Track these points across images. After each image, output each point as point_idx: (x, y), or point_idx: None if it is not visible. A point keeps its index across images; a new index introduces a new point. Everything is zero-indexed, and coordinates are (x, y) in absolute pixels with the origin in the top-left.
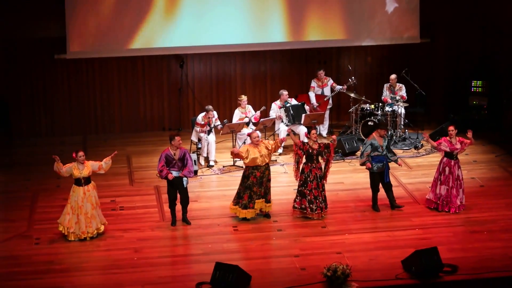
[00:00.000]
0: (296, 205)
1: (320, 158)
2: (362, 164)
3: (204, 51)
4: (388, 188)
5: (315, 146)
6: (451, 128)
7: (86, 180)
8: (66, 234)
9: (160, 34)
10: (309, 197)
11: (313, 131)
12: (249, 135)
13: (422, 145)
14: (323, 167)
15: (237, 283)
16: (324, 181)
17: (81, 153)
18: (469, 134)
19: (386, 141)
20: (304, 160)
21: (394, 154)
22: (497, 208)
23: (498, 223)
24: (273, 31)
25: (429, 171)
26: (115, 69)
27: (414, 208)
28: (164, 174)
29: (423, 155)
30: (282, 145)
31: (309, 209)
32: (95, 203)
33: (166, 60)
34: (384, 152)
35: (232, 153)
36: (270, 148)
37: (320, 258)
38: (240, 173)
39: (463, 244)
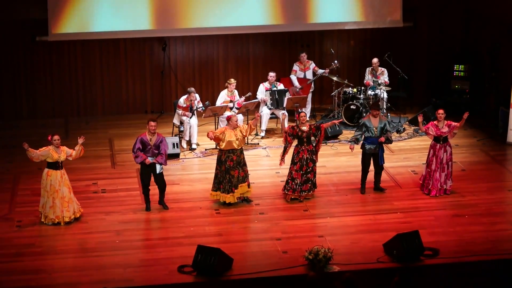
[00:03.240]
0: (286, 187)
1: (313, 139)
2: (350, 141)
3: (187, 33)
4: (379, 171)
5: (305, 129)
6: (440, 111)
7: (61, 164)
8: (42, 220)
9: (142, 17)
10: (288, 177)
11: (303, 114)
12: (228, 118)
13: (404, 129)
14: (314, 149)
15: (218, 266)
16: (316, 160)
17: (56, 137)
18: (465, 116)
19: (383, 123)
20: (295, 143)
21: (389, 140)
22: (478, 192)
23: (480, 207)
24: (256, 14)
25: (411, 155)
26: (97, 52)
27: (396, 191)
28: (140, 160)
29: (405, 139)
30: (263, 127)
31: (283, 188)
32: (69, 187)
33: (148, 43)
34: (378, 134)
35: (208, 136)
36: (244, 134)
37: (302, 241)
38: None
39: (444, 228)
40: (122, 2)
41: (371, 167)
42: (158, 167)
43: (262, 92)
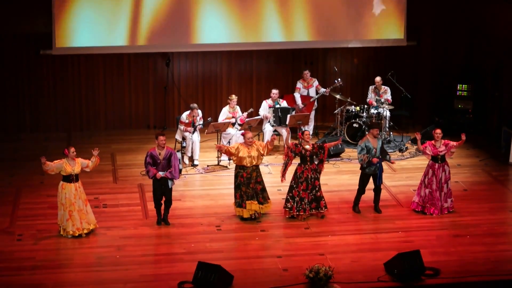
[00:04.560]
0: (287, 205)
1: (315, 158)
2: (366, 163)
3: (190, 49)
4: (378, 191)
5: (308, 147)
6: (438, 131)
7: (76, 177)
8: (61, 233)
9: (146, 32)
10: (296, 198)
11: (307, 132)
12: (243, 134)
13: (406, 148)
14: (317, 168)
15: (219, 283)
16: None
17: (73, 149)
18: (463, 137)
19: (380, 142)
20: (296, 160)
21: (387, 154)
22: (480, 212)
23: (481, 227)
24: (259, 31)
25: (413, 174)
26: (101, 66)
27: (398, 211)
28: (152, 174)
29: (407, 158)
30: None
31: (295, 210)
32: (85, 199)
33: (152, 58)
34: (378, 154)
35: (220, 149)
36: (262, 152)
37: (303, 259)
38: (224, 173)
39: (445, 248)
40: (126, 18)
41: (368, 186)
42: (169, 182)
43: (265, 109)
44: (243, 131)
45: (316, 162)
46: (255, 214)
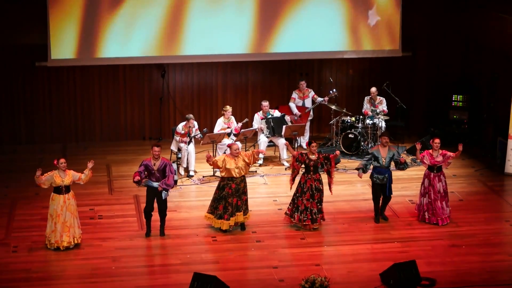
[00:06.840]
0: (287, 212)
1: (321, 168)
2: (356, 169)
3: (186, 60)
4: (386, 201)
5: (313, 157)
6: (436, 140)
7: (67, 189)
8: (47, 244)
9: (142, 43)
10: (300, 207)
11: (314, 144)
12: (229, 146)
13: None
14: (321, 178)
15: None
16: (330, 192)
17: (62, 160)
18: (460, 148)
19: (392, 153)
20: (302, 170)
21: (404, 165)
22: (476, 222)
23: (477, 237)
24: (255, 42)
25: (409, 184)
26: (96, 78)
27: (393, 221)
28: (133, 176)
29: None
30: (262, 156)
31: (297, 219)
32: (74, 211)
33: (147, 69)
34: (386, 165)
35: (208, 160)
36: (248, 161)
37: (299, 270)
38: None
39: (441, 258)
40: (122, 29)
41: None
42: (163, 193)
43: (257, 122)
44: (234, 142)
45: (320, 173)
46: (235, 224)
